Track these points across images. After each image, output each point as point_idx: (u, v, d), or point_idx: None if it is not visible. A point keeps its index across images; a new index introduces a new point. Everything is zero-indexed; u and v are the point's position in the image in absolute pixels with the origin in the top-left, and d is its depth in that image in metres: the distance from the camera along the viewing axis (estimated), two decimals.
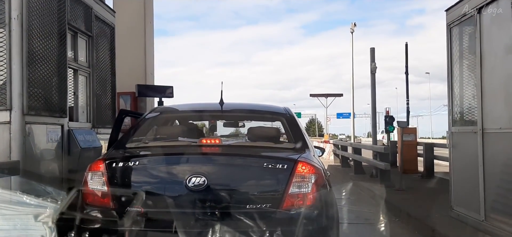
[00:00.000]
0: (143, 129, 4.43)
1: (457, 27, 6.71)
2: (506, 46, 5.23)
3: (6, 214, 1.84)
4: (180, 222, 3.17)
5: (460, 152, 6.81)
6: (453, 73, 6.86)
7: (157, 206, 3.34)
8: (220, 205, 3.33)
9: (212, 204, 3.32)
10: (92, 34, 7.03)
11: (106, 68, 7.61)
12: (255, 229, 3.13)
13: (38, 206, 1.94)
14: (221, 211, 3.28)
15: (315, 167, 3.50)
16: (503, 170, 5.43)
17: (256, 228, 3.13)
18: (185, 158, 3.72)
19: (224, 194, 3.40)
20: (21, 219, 1.86)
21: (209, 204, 3.32)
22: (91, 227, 3.32)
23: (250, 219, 3.18)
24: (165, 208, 3.29)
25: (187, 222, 3.14)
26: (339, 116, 56.90)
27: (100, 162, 3.54)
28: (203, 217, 3.23)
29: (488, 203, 5.86)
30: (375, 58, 15.63)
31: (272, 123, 5.18)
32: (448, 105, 7.09)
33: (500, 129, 5.50)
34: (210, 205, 3.32)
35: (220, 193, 3.39)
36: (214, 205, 3.32)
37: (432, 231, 6.56)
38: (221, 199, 3.36)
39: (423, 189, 10.85)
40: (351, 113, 31.12)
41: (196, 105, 5.28)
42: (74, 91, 6.73)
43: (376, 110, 16.48)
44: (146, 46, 12.30)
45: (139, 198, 3.40)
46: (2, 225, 1.83)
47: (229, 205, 3.31)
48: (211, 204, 3.32)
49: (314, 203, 3.36)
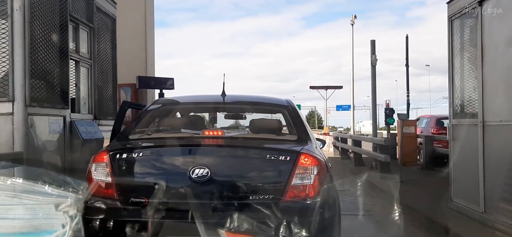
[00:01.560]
0: (146, 121, 4.45)
1: (458, 20, 6.72)
2: (507, 38, 5.24)
3: (27, 204, 1.87)
4: (184, 213, 3.21)
5: (460, 144, 6.83)
6: (454, 65, 6.88)
7: (161, 197, 3.36)
8: (223, 196, 3.36)
9: (215, 196, 3.35)
10: (93, 25, 7.02)
11: (107, 60, 7.61)
12: (258, 220, 3.16)
13: (59, 196, 1.97)
14: (224, 202, 3.30)
15: (318, 159, 3.52)
16: (503, 163, 5.46)
17: (259, 219, 3.16)
18: (188, 150, 3.75)
19: (227, 186, 3.42)
20: (43, 208, 1.90)
21: (212, 195, 3.35)
22: (96, 217, 3.34)
23: (253, 210, 3.21)
24: (168, 199, 3.32)
25: (190, 213, 3.17)
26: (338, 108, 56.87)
27: (104, 153, 3.57)
28: (206, 208, 3.26)
29: (488, 195, 5.89)
30: (375, 50, 15.63)
31: (274, 115, 5.19)
32: (449, 98, 7.11)
33: (501, 121, 5.53)
34: (213, 196, 3.35)
35: (223, 185, 3.42)
36: (217, 196, 3.35)
37: (432, 222, 6.60)
38: (224, 190, 3.39)
39: (423, 181, 10.89)
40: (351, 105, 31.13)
41: (198, 97, 5.29)
42: (76, 83, 6.74)
43: (376, 103, 16.51)
44: (147, 38, 12.29)
45: (142, 189, 3.43)
46: (24, 214, 1.87)
47: (232, 196, 3.34)
48: (214, 196, 3.35)
49: (317, 195, 3.38)
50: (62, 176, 2.17)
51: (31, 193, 1.90)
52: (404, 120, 13.77)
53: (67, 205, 1.94)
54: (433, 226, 6.53)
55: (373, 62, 15.57)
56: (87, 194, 1.98)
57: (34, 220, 1.89)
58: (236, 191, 3.38)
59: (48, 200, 1.91)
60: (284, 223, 3.19)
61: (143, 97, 11.91)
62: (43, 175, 2.24)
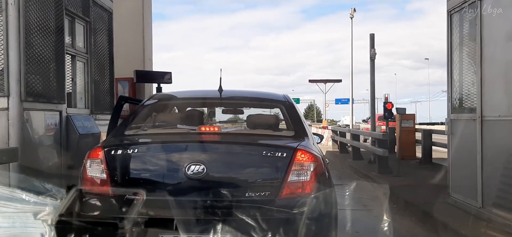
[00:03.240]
0: (142, 116, 4.42)
1: (457, 14, 6.68)
2: (506, 33, 5.21)
3: (5, 212, 1.81)
4: (179, 210, 3.17)
5: (459, 139, 6.82)
6: (452, 60, 6.84)
7: (156, 194, 3.33)
8: (219, 193, 3.33)
9: (211, 192, 3.32)
10: (89, 19, 6.98)
11: (104, 54, 7.57)
12: (254, 217, 3.13)
13: (38, 204, 1.91)
14: (220, 199, 3.28)
15: (314, 155, 3.50)
16: (502, 158, 5.44)
17: (255, 216, 3.14)
18: (184, 146, 3.72)
19: (223, 182, 3.40)
20: (20, 217, 1.83)
21: (208, 192, 3.32)
22: (90, 214, 3.31)
23: (249, 207, 3.19)
24: (164, 196, 3.29)
25: (186, 210, 3.14)
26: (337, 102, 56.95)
27: (99, 150, 3.53)
28: (202, 205, 3.23)
29: (486, 190, 5.88)
30: (374, 44, 15.58)
31: (271, 110, 5.16)
32: (448, 92, 7.08)
33: (499, 116, 5.50)
34: (209, 193, 3.32)
35: (219, 181, 3.39)
36: (213, 193, 3.32)
37: (430, 217, 6.59)
38: (220, 187, 3.36)
39: (421, 175, 10.89)
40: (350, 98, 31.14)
41: (195, 92, 5.26)
42: (72, 77, 6.70)
43: (375, 97, 16.48)
44: (144, 31, 12.20)
45: (137, 185, 3.40)
46: (1, 222, 1.80)
47: (228, 193, 3.31)
48: (210, 192, 3.32)
49: (313, 191, 3.36)
50: (42, 182, 2.10)
51: (9, 200, 1.84)
52: (403, 114, 13.76)
53: (45, 213, 1.88)
54: (430, 220, 6.52)
55: (372, 56, 15.50)
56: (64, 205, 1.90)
57: (12, 228, 1.83)
58: (232, 187, 3.35)
59: (26, 208, 1.85)
60: (280, 220, 3.16)
61: (140, 91, 11.83)
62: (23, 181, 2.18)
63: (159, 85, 11.82)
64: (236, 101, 5.03)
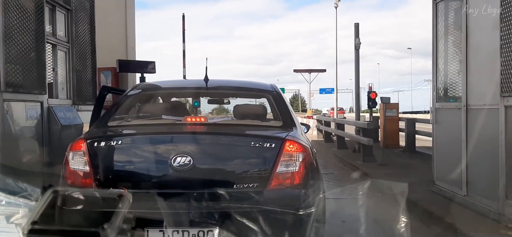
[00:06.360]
0: (126, 107, 4.31)
1: (443, 2, 6.69)
2: (492, 21, 5.21)
3: None
4: (165, 203, 3.10)
5: (444, 127, 6.86)
6: (438, 48, 6.86)
7: (141, 186, 3.25)
8: (206, 185, 3.26)
9: (198, 184, 3.26)
10: (71, 7, 6.82)
11: (86, 43, 7.42)
12: (242, 208, 3.08)
13: (11, 205, 1.78)
14: (207, 191, 3.21)
15: (303, 145, 3.45)
16: (486, 147, 5.48)
17: (243, 208, 3.09)
18: (169, 137, 3.64)
19: (210, 174, 3.33)
20: None
21: (195, 184, 3.26)
22: (73, 208, 3.23)
23: (237, 198, 3.14)
24: (149, 188, 3.22)
25: (172, 203, 3.07)
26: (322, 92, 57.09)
27: (82, 141, 3.44)
28: (188, 197, 3.16)
29: (470, 178, 5.93)
30: (359, 33, 15.58)
31: (257, 100, 5.10)
32: (433, 81, 7.10)
33: (485, 105, 5.53)
34: (196, 185, 3.25)
35: (206, 173, 3.33)
36: (200, 185, 3.26)
37: (415, 205, 6.63)
38: (207, 178, 3.30)
39: (405, 163, 10.97)
40: (335, 88, 31.23)
41: (180, 82, 5.18)
42: (53, 67, 6.56)
43: (359, 86, 16.53)
44: (127, 20, 12.02)
45: (121, 178, 3.32)
46: None
47: (216, 185, 3.25)
48: (197, 184, 3.26)
49: (302, 182, 3.32)
50: (15, 182, 1.99)
51: None
52: (387, 104, 13.82)
53: (19, 216, 1.76)
54: (415, 209, 6.55)
55: (356, 45, 15.50)
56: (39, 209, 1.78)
57: None
58: (219, 179, 3.29)
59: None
60: (269, 211, 3.12)
61: (124, 81, 11.67)
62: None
63: (142, 74, 11.69)
64: (222, 91, 4.95)
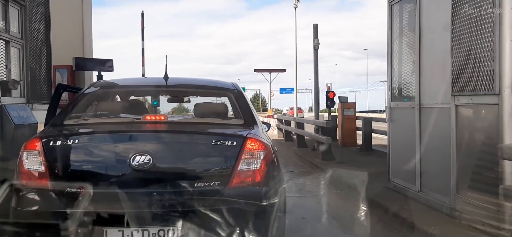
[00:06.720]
0: (83, 105, 4.22)
1: (397, 4, 6.89)
2: (444, 23, 5.42)
3: None
4: (124, 203, 3.06)
5: (398, 126, 7.08)
6: (392, 49, 7.07)
7: (99, 186, 3.18)
8: (166, 184, 3.24)
9: (158, 184, 3.23)
10: (24, 3, 6.62)
11: (40, 40, 7.21)
12: (203, 207, 3.08)
13: None
14: (168, 191, 3.19)
15: (264, 143, 3.49)
16: (439, 144, 5.69)
17: (204, 207, 3.09)
18: (128, 136, 3.59)
19: (170, 173, 3.31)
20: None
21: (155, 183, 3.23)
22: (28, 209, 3.14)
23: (198, 197, 3.13)
24: (107, 188, 3.16)
25: (131, 203, 3.03)
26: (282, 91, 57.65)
27: (37, 141, 3.34)
28: (148, 196, 3.13)
29: (424, 175, 6.15)
30: (318, 34, 15.82)
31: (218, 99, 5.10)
32: (388, 81, 7.31)
33: (437, 104, 5.74)
34: (156, 184, 3.22)
35: (167, 172, 3.30)
36: (160, 183, 3.23)
37: (371, 201, 6.80)
38: (167, 178, 3.27)
39: (362, 161, 11.23)
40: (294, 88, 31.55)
41: (139, 80, 5.11)
42: (6, 64, 6.34)
43: (318, 86, 16.80)
44: (84, 17, 11.73)
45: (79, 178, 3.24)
46: None
47: (176, 184, 3.23)
48: (157, 184, 3.23)
49: (263, 180, 3.34)
50: None
51: None
52: (345, 103, 14.15)
53: None
54: (371, 204, 6.72)
55: (315, 46, 15.74)
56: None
57: None
58: (180, 178, 3.27)
59: None
60: (230, 209, 3.13)
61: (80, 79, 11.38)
62: None
63: (99, 73, 11.43)
64: (183, 89, 4.92)
